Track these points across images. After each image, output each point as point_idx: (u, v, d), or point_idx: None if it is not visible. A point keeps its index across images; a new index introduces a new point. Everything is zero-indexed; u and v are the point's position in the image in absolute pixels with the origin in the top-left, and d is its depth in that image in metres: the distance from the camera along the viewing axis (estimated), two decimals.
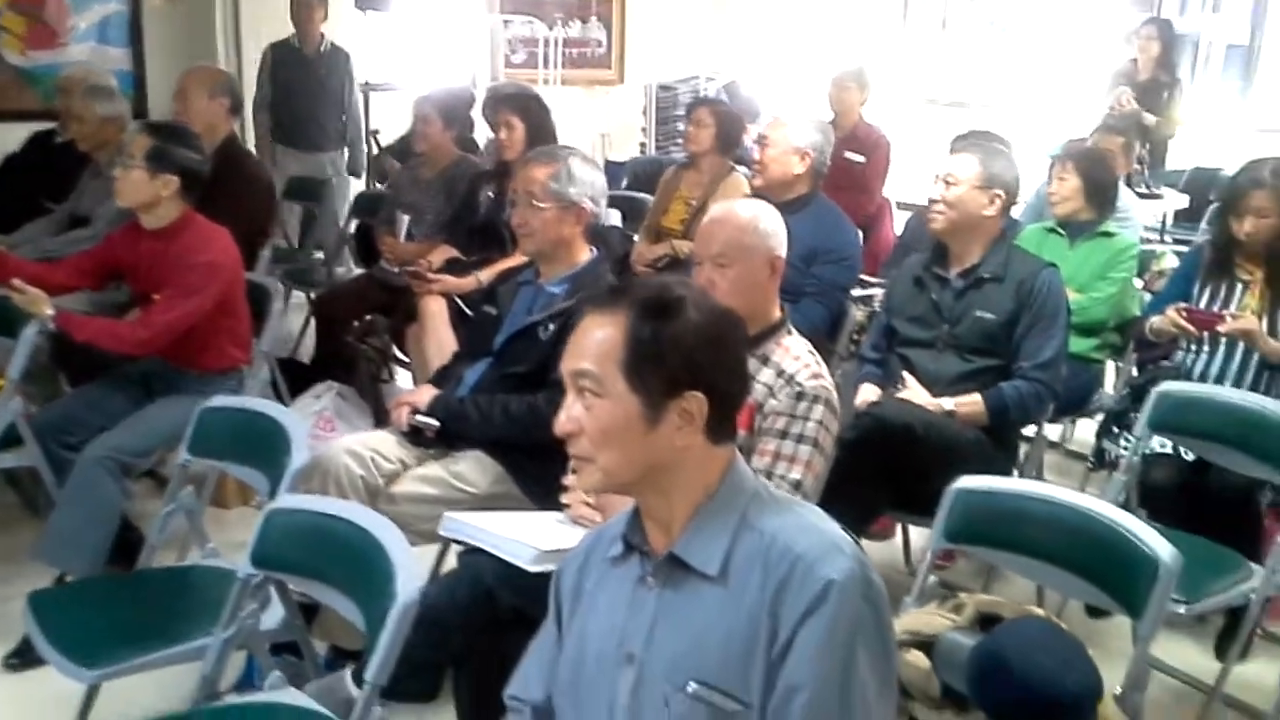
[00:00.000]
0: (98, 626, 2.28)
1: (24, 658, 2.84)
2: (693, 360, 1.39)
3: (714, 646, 1.35)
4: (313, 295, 4.97)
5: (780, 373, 2.37)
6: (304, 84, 6.08)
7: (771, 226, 2.42)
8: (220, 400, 2.59)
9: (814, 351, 2.46)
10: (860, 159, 5.34)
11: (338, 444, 2.71)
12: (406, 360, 4.48)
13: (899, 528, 3.57)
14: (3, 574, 3.23)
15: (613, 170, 6.35)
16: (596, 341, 1.40)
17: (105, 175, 3.99)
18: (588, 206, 2.76)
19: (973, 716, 2.06)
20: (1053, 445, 4.29)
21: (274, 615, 2.23)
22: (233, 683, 2.55)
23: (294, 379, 4.30)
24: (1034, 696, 1.94)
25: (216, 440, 2.52)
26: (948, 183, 3.07)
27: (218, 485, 3.52)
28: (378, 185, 6.34)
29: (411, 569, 1.80)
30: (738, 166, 4.52)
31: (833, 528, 1.41)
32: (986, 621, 2.15)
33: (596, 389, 1.40)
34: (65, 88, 4.32)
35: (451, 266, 4.06)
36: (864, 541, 3.48)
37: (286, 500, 2.11)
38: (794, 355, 2.39)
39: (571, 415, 1.42)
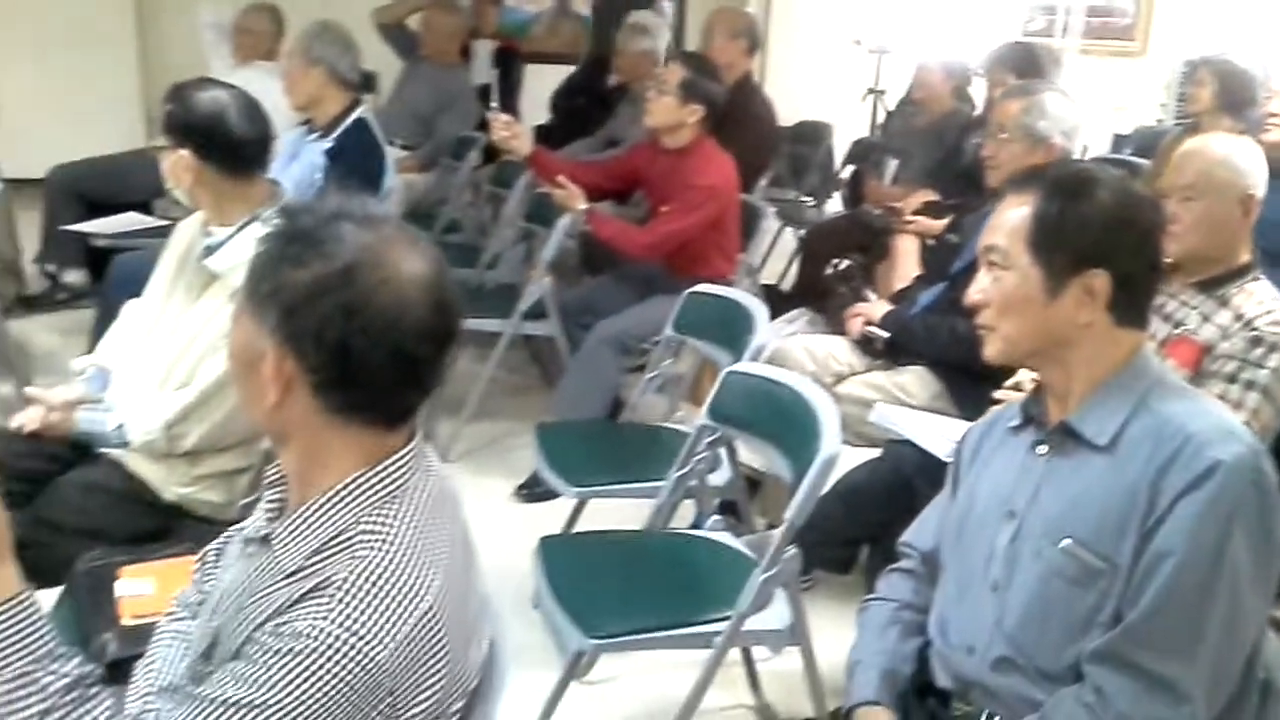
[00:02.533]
0: (584, 457, 2.71)
1: (531, 490, 3.40)
2: (1097, 239, 1.44)
3: (1091, 510, 1.42)
4: (802, 233, 5.29)
5: (1239, 317, 2.27)
6: None
7: (1248, 164, 2.30)
8: (704, 287, 2.94)
9: None
10: None
11: (797, 340, 2.97)
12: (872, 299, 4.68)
13: None
14: (521, 429, 3.85)
15: (1118, 142, 6.09)
16: (1008, 218, 1.50)
17: (637, 104, 4.53)
18: (1058, 141, 2.76)
19: None
20: None
21: (722, 475, 2.54)
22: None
23: (774, 303, 4.64)
24: None
25: (696, 320, 2.87)
26: None
27: (696, 383, 3.93)
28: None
29: (836, 429, 1.99)
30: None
31: (1233, 418, 1.42)
32: None
33: (1003, 262, 1.49)
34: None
35: (929, 209, 4.17)
36: None
37: (742, 365, 2.39)
38: (1257, 300, 2.28)
39: (980, 287, 1.53)
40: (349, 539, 1.13)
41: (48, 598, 1.79)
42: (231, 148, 2.18)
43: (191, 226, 2.31)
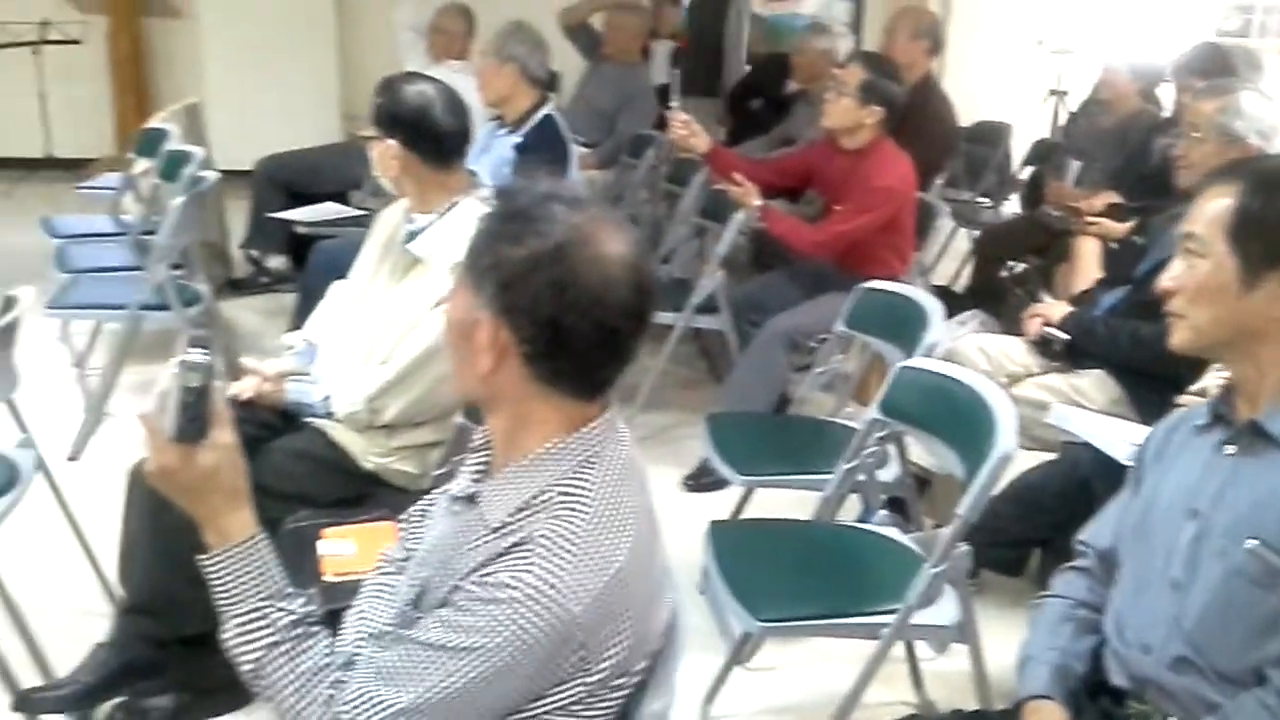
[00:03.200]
0: (752, 447, 2.75)
1: (698, 480, 3.46)
2: None
3: (1278, 511, 1.39)
4: (976, 234, 5.20)
5: None
6: None
7: None
8: (877, 283, 2.94)
9: None
10: None
11: (971, 339, 2.94)
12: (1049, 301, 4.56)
13: None
14: (689, 420, 3.91)
15: None
16: (1209, 208, 1.48)
17: (814, 104, 4.53)
18: (1254, 142, 2.66)
19: None
20: None
21: (891, 471, 2.53)
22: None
23: (947, 305, 4.57)
24: None
25: (868, 316, 2.87)
26: None
27: (862, 381, 3.92)
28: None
29: (1012, 426, 1.97)
30: None
31: None
32: None
33: (1199, 249, 1.47)
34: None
35: (1112, 212, 4.05)
36: None
37: (916, 361, 2.38)
38: None
39: (1173, 274, 1.51)
40: (548, 499, 1.20)
41: None
42: (435, 139, 2.30)
43: (395, 214, 2.44)
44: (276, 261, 5.16)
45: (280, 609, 1.22)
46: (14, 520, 2.24)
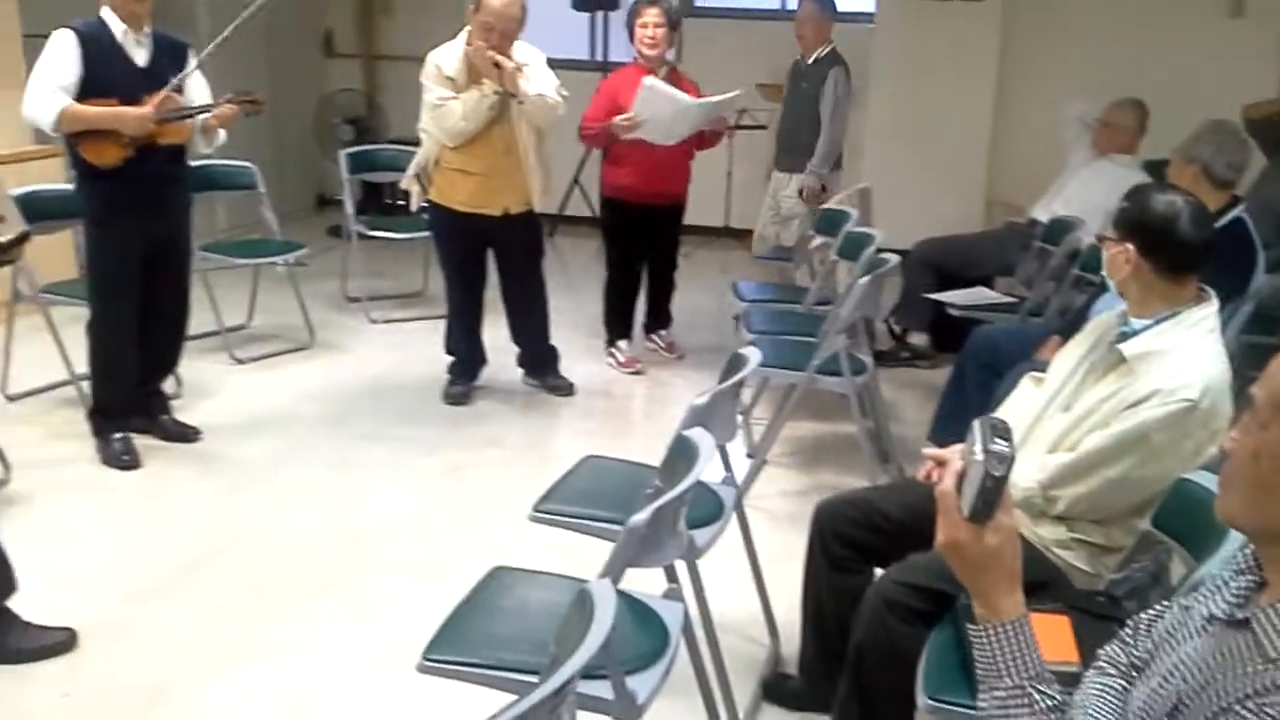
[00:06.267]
0: None
1: None
2: None
3: None
4: None
5: None
6: None
7: None
8: None
9: None
10: None
11: None
12: None
13: None
14: None
15: None
16: None
17: None
18: None
19: None
20: None
21: None
22: None
23: None
24: None
25: None
26: None
27: None
28: None
29: None
30: None
31: None
32: None
33: None
34: None
35: None
36: None
37: None
38: None
39: None
40: None
41: None
42: (1173, 250, 2.28)
43: (1111, 316, 2.45)
44: (919, 338, 5.34)
45: (1041, 692, 1.28)
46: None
